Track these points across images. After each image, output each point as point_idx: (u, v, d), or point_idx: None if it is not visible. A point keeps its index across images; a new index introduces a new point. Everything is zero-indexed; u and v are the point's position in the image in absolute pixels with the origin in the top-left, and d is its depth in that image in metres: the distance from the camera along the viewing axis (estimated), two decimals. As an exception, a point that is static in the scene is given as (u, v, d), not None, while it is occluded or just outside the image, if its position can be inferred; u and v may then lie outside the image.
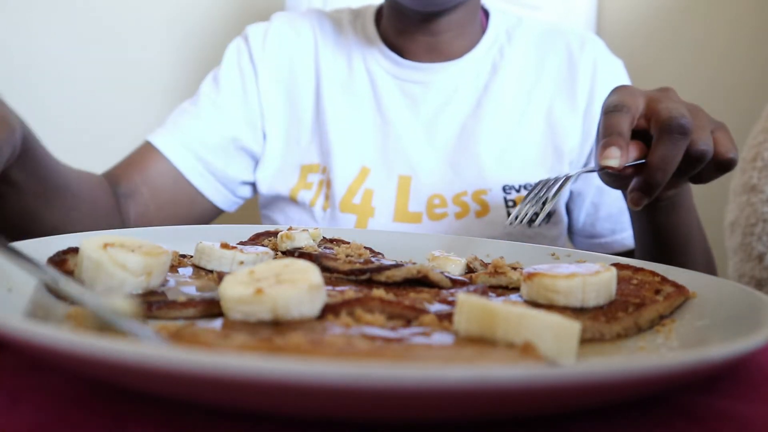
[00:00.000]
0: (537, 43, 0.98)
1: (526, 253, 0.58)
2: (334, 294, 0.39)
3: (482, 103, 0.94)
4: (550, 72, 0.96)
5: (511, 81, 0.95)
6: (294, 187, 0.93)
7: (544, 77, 0.96)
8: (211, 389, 0.21)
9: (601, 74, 0.96)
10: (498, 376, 0.20)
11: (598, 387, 0.22)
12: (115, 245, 0.39)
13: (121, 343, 0.21)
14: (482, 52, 0.96)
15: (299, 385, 0.19)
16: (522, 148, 0.92)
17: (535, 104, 0.94)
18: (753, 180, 1.00)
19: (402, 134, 0.93)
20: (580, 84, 0.95)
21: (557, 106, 0.94)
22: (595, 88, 0.95)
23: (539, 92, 0.95)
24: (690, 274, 0.46)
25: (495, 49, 0.97)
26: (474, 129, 0.93)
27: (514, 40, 0.98)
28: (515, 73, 0.96)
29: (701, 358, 0.25)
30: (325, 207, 0.92)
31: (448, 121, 0.94)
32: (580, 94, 0.95)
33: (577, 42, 0.98)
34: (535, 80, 0.96)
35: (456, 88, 0.95)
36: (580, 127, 0.94)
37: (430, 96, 0.94)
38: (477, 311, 0.30)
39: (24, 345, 0.25)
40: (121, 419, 0.26)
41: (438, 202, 0.91)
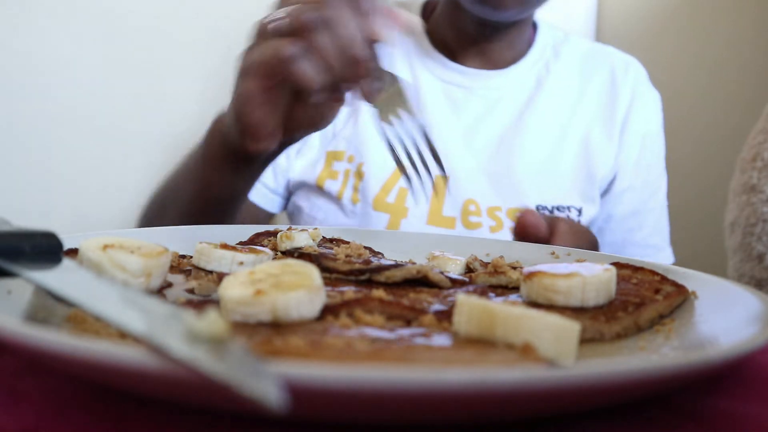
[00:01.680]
0: (582, 62, 0.98)
1: (525, 253, 0.58)
2: (333, 295, 0.39)
3: (524, 116, 0.93)
4: (593, 94, 0.96)
5: (554, 98, 0.95)
6: (320, 174, 0.91)
7: (587, 99, 0.96)
8: (211, 395, 0.21)
9: (638, 103, 0.96)
10: (498, 379, 0.20)
11: (598, 389, 0.22)
12: (115, 246, 0.39)
13: (121, 347, 0.21)
14: (529, 65, 0.96)
15: (298, 389, 0.19)
16: (558, 169, 0.92)
17: (575, 126, 0.94)
18: (753, 180, 0.99)
19: (441, 135, 0.92)
20: (619, 109, 0.95)
21: (595, 130, 0.94)
22: (629, 116, 0.95)
23: (580, 114, 0.95)
24: (690, 274, 0.46)
25: (541, 64, 0.97)
26: (513, 142, 0.92)
27: (561, 57, 0.98)
28: (559, 90, 0.96)
29: (702, 359, 0.25)
30: (355, 200, 0.90)
31: (488, 129, 0.93)
32: (617, 120, 0.95)
33: (622, 66, 0.98)
34: (577, 100, 0.96)
35: (500, 97, 0.94)
36: (613, 155, 0.94)
37: (473, 102, 0.93)
38: (476, 312, 0.30)
39: (23, 348, 0.25)
40: (121, 421, 0.26)
41: (473, 209, 0.90)
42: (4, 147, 1.30)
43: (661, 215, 1.00)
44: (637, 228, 0.96)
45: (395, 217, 0.89)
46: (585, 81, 0.97)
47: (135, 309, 0.26)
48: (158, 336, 0.21)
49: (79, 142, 1.35)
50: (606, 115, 0.95)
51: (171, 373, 0.20)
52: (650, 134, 0.98)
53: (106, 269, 0.37)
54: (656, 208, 0.99)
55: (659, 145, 1.01)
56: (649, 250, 0.97)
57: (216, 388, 0.19)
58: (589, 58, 0.99)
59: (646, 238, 0.96)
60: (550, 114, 0.94)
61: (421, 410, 0.22)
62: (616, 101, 0.95)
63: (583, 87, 0.96)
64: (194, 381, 0.20)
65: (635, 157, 0.96)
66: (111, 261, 0.38)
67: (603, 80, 0.97)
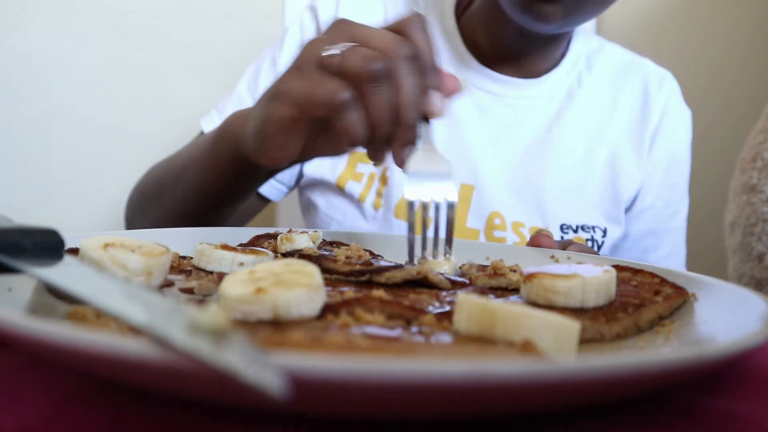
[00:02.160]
0: (615, 76, 0.95)
1: (525, 256, 0.58)
2: (333, 294, 0.39)
3: (552, 130, 0.90)
4: (624, 109, 0.93)
5: (584, 112, 0.92)
6: (341, 174, 0.88)
7: (617, 114, 0.93)
8: (211, 387, 0.21)
9: (668, 121, 0.93)
10: (499, 370, 0.20)
11: (597, 382, 0.22)
12: (116, 245, 0.39)
13: (123, 339, 0.21)
14: (561, 76, 0.93)
15: (300, 378, 0.19)
16: (584, 187, 0.89)
17: (604, 143, 0.91)
18: (753, 180, 1.00)
19: (468, 141, 0.89)
20: (649, 126, 0.93)
21: (623, 147, 0.91)
22: (657, 134, 0.93)
23: (610, 130, 0.92)
24: (689, 276, 0.47)
25: (573, 75, 0.93)
26: (539, 157, 0.89)
27: (594, 68, 0.94)
28: (590, 104, 0.92)
29: (700, 355, 0.25)
30: (377, 206, 0.88)
31: (515, 140, 0.90)
32: (646, 138, 0.92)
33: (656, 80, 0.95)
34: (608, 116, 0.92)
35: (529, 108, 0.90)
36: (640, 174, 0.92)
37: (501, 110, 0.90)
38: (477, 310, 0.30)
39: (25, 341, 0.25)
40: (122, 417, 0.26)
41: (498, 222, 0.87)
42: (4, 147, 1.30)
43: (679, 238, 0.97)
44: (653, 248, 0.94)
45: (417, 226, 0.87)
46: (616, 94, 0.94)
47: (137, 302, 0.26)
48: (161, 327, 0.21)
49: (79, 142, 1.35)
50: (635, 132, 0.92)
51: (173, 364, 0.20)
52: (678, 154, 0.96)
53: (107, 268, 0.37)
54: (675, 230, 0.96)
55: (685, 167, 0.98)
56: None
57: (218, 377, 0.19)
58: (622, 70, 0.96)
59: (660, 260, 0.93)
60: (579, 129, 0.91)
61: (422, 402, 0.22)
62: (647, 117, 0.93)
63: (614, 101, 0.93)
64: (196, 371, 0.20)
65: (660, 177, 0.94)
66: (112, 259, 0.38)
67: (635, 94, 0.94)
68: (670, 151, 0.94)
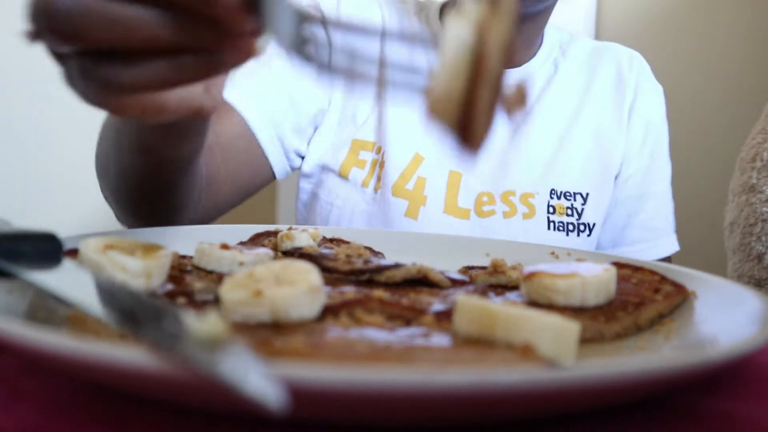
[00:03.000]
0: (588, 59, 1.02)
1: (525, 253, 0.58)
2: (333, 295, 0.39)
3: (535, 109, 0.97)
4: (600, 86, 1.00)
5: (563, 92, 0.99)
6: (344, 161, 0.91)
7: (594, 90, 0.99)
8: (209, 396, 0.21)
9: (642, 93, 1.00)
10: (497, 380, 0.20)
11: (597, 389, 0.22)
12: (115, 247, 0.39)
13: (121, 349, 0.21)
14: (539, 63, 1.00)
15: (298, 390, 0.19)
16: (570, 155, 0.95)
17: (585, 119, 0.97)
18: (752, 180, 1.00)
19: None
20: (626, 99, 0.99)
21: (605, 118, 0.98)
22: (634, 105, 0.99)
23: (590, 104, 0.98)
24: (689, 274, 0.46)
25: (550, 62, 1.01)
26: (526, 133, 0.95)
27: (568, 55, 1.02)
28: (568, 85, 0.99)
29: (701, 359, 0.25)
30: (377, 188, 0.91)
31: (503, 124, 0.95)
32: (624, 109, 0.99)
33: (626, 60, 1.03)
34: (586, 93, 0.99)
35: None
36: (623, 142, 0.98)
37: None
38: (476, 312, 0.30)
39: (24, 349, 0.25)
40: (121, 421, 0.26)
41: (486, 199, 0.92)
42: (4, 147, 1.30)
43: (664, 201, 1.01)
44: (638, 212, 0.98)
45: (414, 204, 0.90)
46: (592, 76, 1.00)
47: (135, 310, 0.26)
48: (159, 337, 0.21)
49: (79, 142, 1.35)
50: (614, 105, 0.99)
51: (171, 374, 0.20)
52: (653, 125, 1.02)
53: (107, 270, 0.37)
54: (659, 194, 1.00)
55: (663, 134, 1.04)
56: (649, 233, 0.98)
57: (216, 389, 0.19)
58: (594, 55, 1.03)
59: (646, 222, 0.98)
60: (561, 106, 0.98)
61: (420, 411, 0.22)
62: (622, 94, 0.99)
63: (590, 81, 1.00)
64: (195, 382, 0.20)
65: (639, 144, 0.99)
66: (111, 262, 0.38)
67: (609, 74, 1.01)
68: (646, 123, 1.00)
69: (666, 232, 1.00)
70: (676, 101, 1.53)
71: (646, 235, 0.98)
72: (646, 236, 0.98)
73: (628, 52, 1.04)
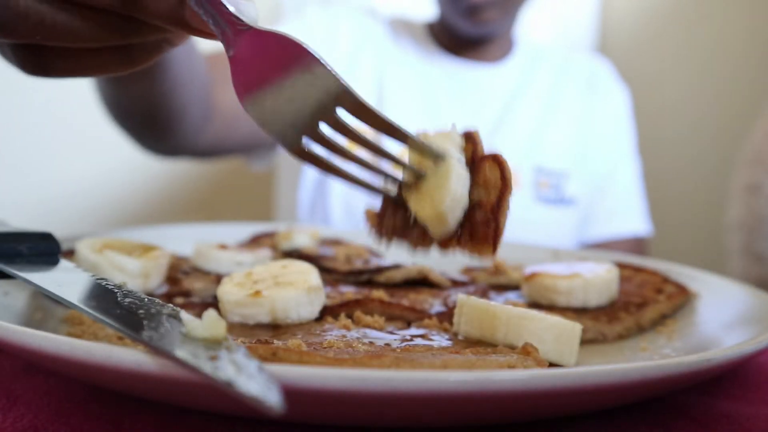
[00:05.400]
0: (561, 63, 1.13)
1: (527, 253, 0.58)
2: (333, 295, 0.38)
3: (516, 98, 1.07)
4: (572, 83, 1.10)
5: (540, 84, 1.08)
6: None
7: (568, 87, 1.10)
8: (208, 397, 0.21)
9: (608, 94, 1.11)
10: (495, 382, 0.20)
11: (598, 390, 0.22)
12: (113, 247, 0.39)
13: (119, 350, 0.21)
14: (515, 61, 1.09)
15: (296, 391, 0.19)
16: (552, 135, 1.04)
17: (561, 106, 1.08)
18: (753, 180, 1.00)
19: (447, 117, 0.99)
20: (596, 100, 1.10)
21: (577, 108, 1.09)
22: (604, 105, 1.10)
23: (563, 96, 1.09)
24: (691, 273, 0.46)
25: (526, 60, 1.10)
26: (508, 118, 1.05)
27: (541, 58, 1.12)
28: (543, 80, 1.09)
29: (703, 361, 0.25)
30: None
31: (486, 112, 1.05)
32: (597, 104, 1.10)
33: (594, 61, 1.15)
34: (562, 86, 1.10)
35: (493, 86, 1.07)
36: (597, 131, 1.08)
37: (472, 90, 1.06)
38: (477, 313, 0.30)
39: (22, 351, 0.24)
40: (118, 421, 0.26)
41: None
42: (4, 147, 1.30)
43: (630, 189, 1.07)
44: (600, 200, 1.05)
45: None
46: (564, 75, 1.11)
47: (133, 311, 0.25)
48: (157, 338, 0.21)
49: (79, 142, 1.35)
50: (585, 103, 1.09)
51: (170, 374, 0.20)
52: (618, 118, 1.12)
53: (104, 270, 0.37)
54: (621, 182, 1.07)
55: (627, 129, 1.13)
56: (615, 218, 1.04)
57: (215, 389, 0.19)
58: (566, 59, 1.15)
59: (610, 207, 1.04)
60: (539, 98, 1.07)
61: (420, 411, 0.22)
62: (593, 92, 1.10)
63: (563, 80, 1.11)
64: (193, 382, 0.20)
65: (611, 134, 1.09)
66: (109, 262, 0.37)
67: (579, 74, 1.12)
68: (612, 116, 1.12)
69: (632, 215, 1.05)
70: (678, 103, 1.53)
71: (613, 219, 1.04)
72: (612, 219, 1.04)
73: (594, 57, 1.17)
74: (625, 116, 1.15)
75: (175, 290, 0.40)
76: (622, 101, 1.14)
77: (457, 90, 1.08)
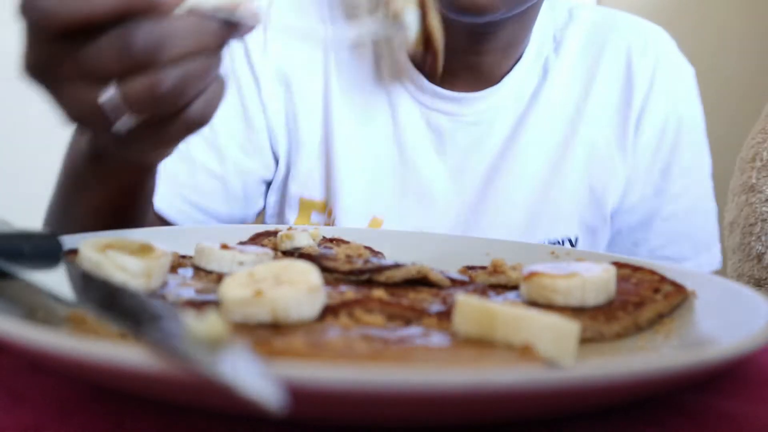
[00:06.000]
0: (586, 53, 0.79)
1: (525, 252, 0.58)
2: (333, 295, 0.39)
3: (517, 137, 0.77)
4: (600, 92, 0.78)
5: (552, 107, 0.78)
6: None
7: (593, 101, 0.78)
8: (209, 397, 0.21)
9: (657, 90, 0.78)
10: (496, 380, 0.20)
11: (597, 390, 0.22)
12: (115, 247, 0.39)
13: (121, 349, 0.21)
14: (523, 72, 0.78)
15: (298, 390, 0.19)
16: (554, 198, 0.78)
17: (578, 141, 0.78)
18: (752, 180, 1.00)
19: (424, 179, 0.77)
20: (634, 106, 0.78)
21: (602, 142, 0.78)
22: (644, 111, 0.78)
23: (584, 124, 0.78)
24: (689, 273, 0.46)
25: (538, 65, 0.79)
26: (505, 169, 0.77)
27: (562, 49, 0.79)
28: (559, 96, 0.78)
29: (701, 359, 0.25)
30: None
31: (478, 160, 0.78)
32: (630, 122, 0.78)
33: (639, 46, 0.79)
34: (581, 104, 0.78)
35: (491, 120, 0.77)
36: (625, 171, 0.78)
37: (459, 132, 0.77)
38: (476, 312, 0.30)
39: (24, 350, 0.25)
40: (121, 421, 0.26)
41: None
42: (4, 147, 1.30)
43: (684, 221, 0.81)
44: (641, 242, 0.82)
45: None
46: (590, 75, 0.79)
47: (135, 311, 0.26)
48: (158, 337, 0.21)
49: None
50: (616, 118, 0.78)
51: (171, 374, 0.20)
52: (670, 128, 0.80)
53: (106, 270, 0.37)
54: (673, 217, 0.81)
55: (688, 136, 0.81)
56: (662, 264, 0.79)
57: (216, 389, 0.19)
58: (597, 43, 0.79)
59: (654, 251, 0.81)
60: (549, 128, 0.78)
61: (420, 411, 0.22)
62: (630, 94, 0.78)
63: (588, 85, 0.78)
64: (194, 382, 0.20)
65: (648, 161, 0.80)
66: (111, 262, 0.38)
67: (613, 69, 0.79)
68: (660, 128, 0.79)
69: (686, 256, 0.82)
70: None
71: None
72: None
73: (643, 34, 0.80)
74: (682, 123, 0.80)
75: (177, 290, 0.41)
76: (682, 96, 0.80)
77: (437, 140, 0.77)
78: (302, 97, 0.78)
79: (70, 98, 0.39)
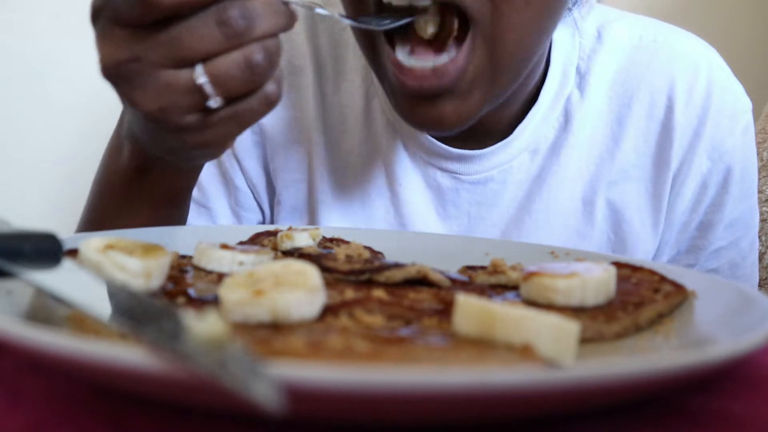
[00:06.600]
0: (622, 83, 0.66)
1: (525, 252, 0.58)
2: (333, 295, 0.39)
3: (533, 197, 0.67)
4: (633, 137, 0.66)
5: (574, 161, 0.66)
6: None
7: (624, 148, 0.66)
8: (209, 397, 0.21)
9: (704, 136, 0.65)
10: (496, 380, 0.20)
11: (597, 389, 0.22)
12: (115, 247, 0.39)
13: (121, 349, 0.21)
14: (540, 119, 0.66)
15: (297, 391, 0.19)
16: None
17: (603, 198, 0.66)
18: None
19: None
20: (673, 161, 0.65)
21: (633, 199, 0.66)
22: (683, 167, 0.66)
23: (612, 176, 0.66)
24: (689, 273, 0.46)
25: (558, 109, 0.66)
26: (517, 236, 0.68)
27: (589, 87, 0.65)
28: (583, 148, 0.66)
29: (701, 359, 0.25)
30: None
31: (484, 231, 0.68)
32: (668, 178, 0.66)
33: (685, 82, 0.65)
34: (609, 155, 0.66)
35: (502, 179, 0.67)
36: (655, 237, 0.67)
37: (464, 193, 0.68)
38: (476, 312, 0.30)
39: (25, 350, 0.25)
40: (121, 421, 0.26)
41: None
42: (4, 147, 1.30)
43: (728, 275, 0.69)
44: None
45: None
46: (621, 121, 0.66)
47: (135, 311, 0.26)
48: (158, 338, 0.21)
49: (79, 143, 1.35)
50: (652, 174, 0.66)
51: (171, 374, 0.20)
52: (714, 178, 0.67)
53: (106, 270, 0.37)
54: (717, 272, 0.70)
55: (737, 186, 0.68)
56: None
57: (216, 389, 0.19)
58: (630, 76, 0.66)
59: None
60: (569, 187, 0.67)
61: (420, 411, 0.22)
62: (670, 148, 0.65)
63: (617, 133, 0.66)
64: (194, 382, 0.20)
65: (685, 219, 0.68)
66: (111, 262, 0.38)
67: (650, 114, 0.66)
68: (701, 183, 0.67)
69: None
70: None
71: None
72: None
73: (693, 66, 0.66)
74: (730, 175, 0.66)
75: (177, 290, 0.41)
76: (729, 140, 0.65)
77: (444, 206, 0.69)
78: (289, 149, 0.73)
79: (158, 86, 0.40)
